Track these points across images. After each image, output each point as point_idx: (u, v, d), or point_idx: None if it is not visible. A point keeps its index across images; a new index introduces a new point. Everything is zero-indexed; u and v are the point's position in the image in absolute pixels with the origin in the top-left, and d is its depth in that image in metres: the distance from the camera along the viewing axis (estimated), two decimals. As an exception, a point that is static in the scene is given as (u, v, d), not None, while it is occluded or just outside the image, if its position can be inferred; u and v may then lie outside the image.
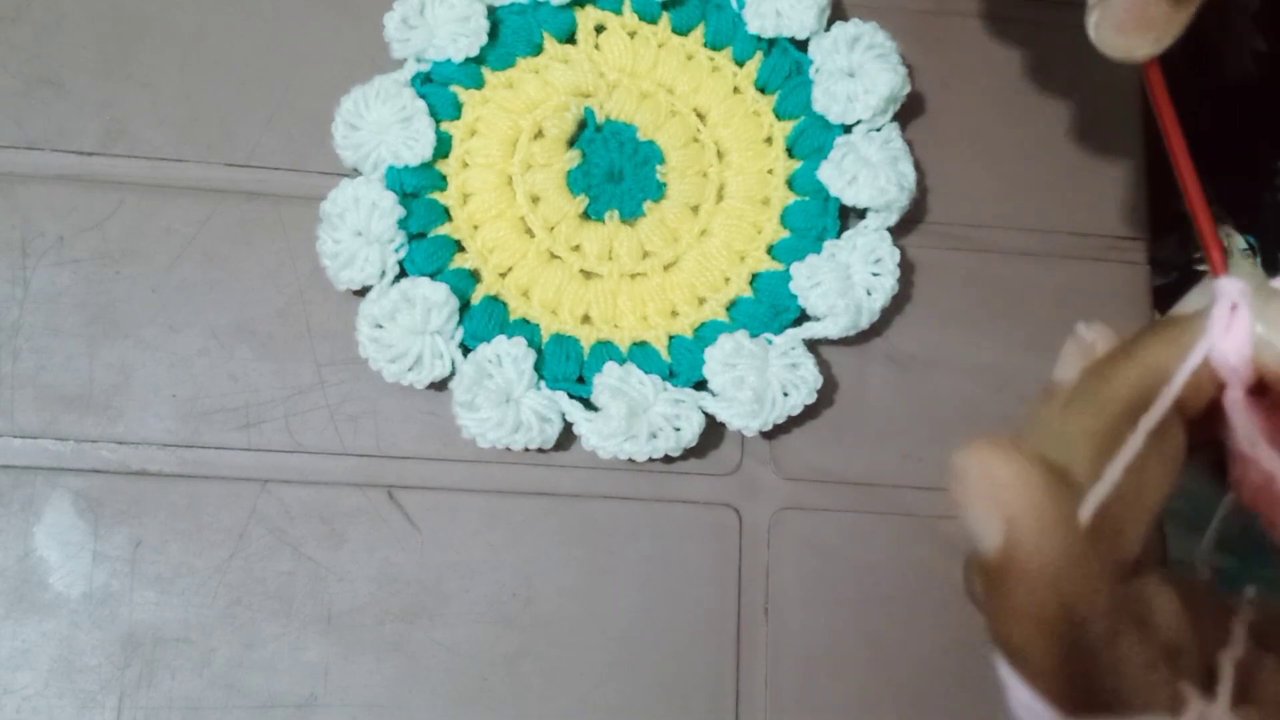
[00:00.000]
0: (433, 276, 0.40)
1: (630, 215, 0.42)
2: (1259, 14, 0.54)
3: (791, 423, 0.41)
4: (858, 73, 0.43)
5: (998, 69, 0.46)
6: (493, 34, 0.43)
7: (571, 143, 0.43)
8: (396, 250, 0.40)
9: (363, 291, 0.40)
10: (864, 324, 0.41)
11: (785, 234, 0.43)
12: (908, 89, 0.43)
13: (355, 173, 0.42)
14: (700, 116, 0.44)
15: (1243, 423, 0.21)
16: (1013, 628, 0.18)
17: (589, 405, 0.40)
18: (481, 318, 0.40)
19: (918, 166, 0.43)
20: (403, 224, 0.40)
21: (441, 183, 0.42)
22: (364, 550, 0.39)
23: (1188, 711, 0.18)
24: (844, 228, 0.43)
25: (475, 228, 0.42)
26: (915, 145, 0.44)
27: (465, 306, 0.40)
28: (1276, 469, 0.21)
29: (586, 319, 0.41)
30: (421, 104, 0.41)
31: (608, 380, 0.39)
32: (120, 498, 0.39)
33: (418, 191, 0.41)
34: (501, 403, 0.39)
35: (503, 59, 0.43)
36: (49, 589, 0.38)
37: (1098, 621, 0.18)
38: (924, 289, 0.43)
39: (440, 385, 0.40)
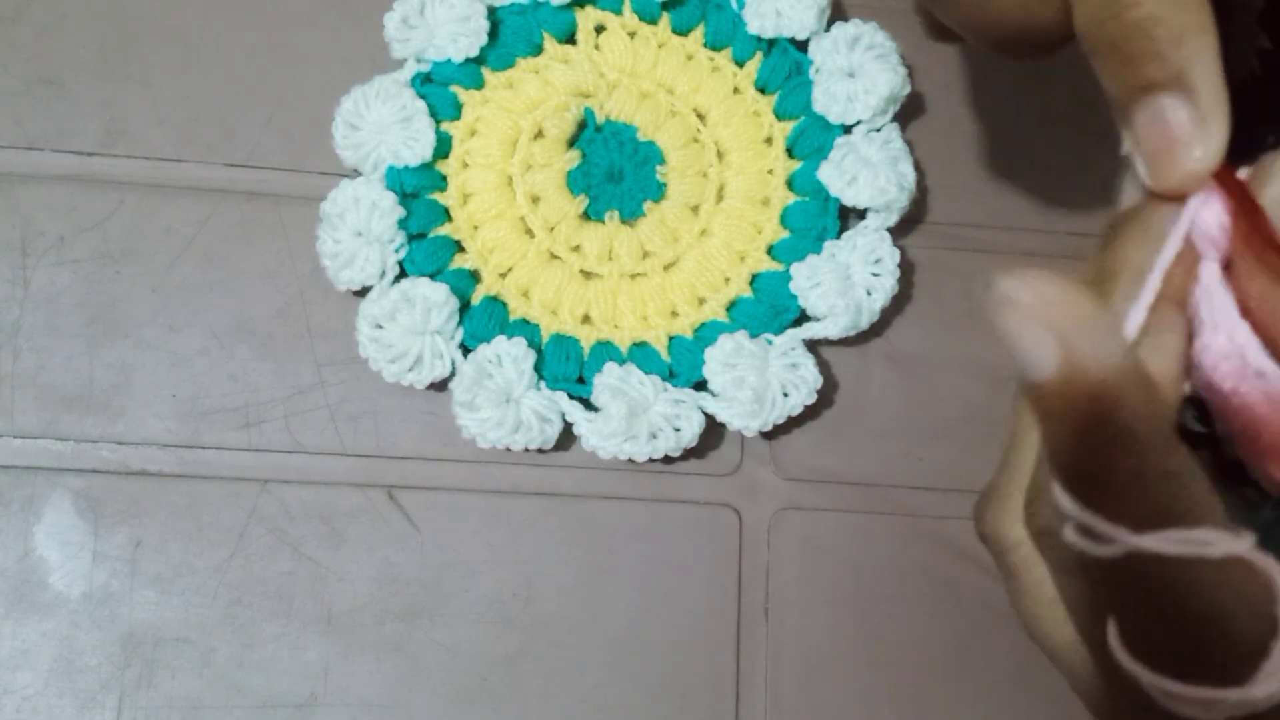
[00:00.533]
0: (433, 276, 0.40)
1: (630, 215, 0.42)
2: (1264, 13, 0.54)
3: (791, 423, 0.41)
4: (858, 73, 0.43)
5: (998, 69, 0.46)
6: (493, 34, 0.43)
7: (571, 143, 0.43)
8: (396, 250, 0.40)
9: (363, 291, 0.40)
10: (864, 324, 0.41)
11: (785, 234, 0.43)
12: (908, 89, 0.43)
13: (355, 173, 0.42)
14: (700, 117, 0.44)
15: (1220, 295, 0.21)
16: (1076, 446, 0.18)
17: (589, 405, 0.40)
18: (481, 318, 0.40)
19: (918, 166, 0.43)
20: (403, 224, 0.40)
21: (441, 183, 0.42)
22: (364, 550, 0.39)
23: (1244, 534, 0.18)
24: (844, 228, 0.43)
25: (475, 228, 0.42)
26: (915, 145, 0.44)
27: (465, 306, 0.41)
28: (1247, 343, 0.21)
29: (586, 319, 0.41)
30: (421, 104, 0.41)
31: (608, 380, 0.39)
32: (120, 498, 0.39)
33: (418, 191, 0.41)
34: (501, 403, 0.39)
35: (503, 59, 0.43)
36: (49, 589, 0.38)
37: (1159, 438, 0.18)
38: (924, 289, 0.44)
39: (440, 385, 0.40)
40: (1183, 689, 0.18)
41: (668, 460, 0.40)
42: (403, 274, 0.41)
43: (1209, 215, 0.21)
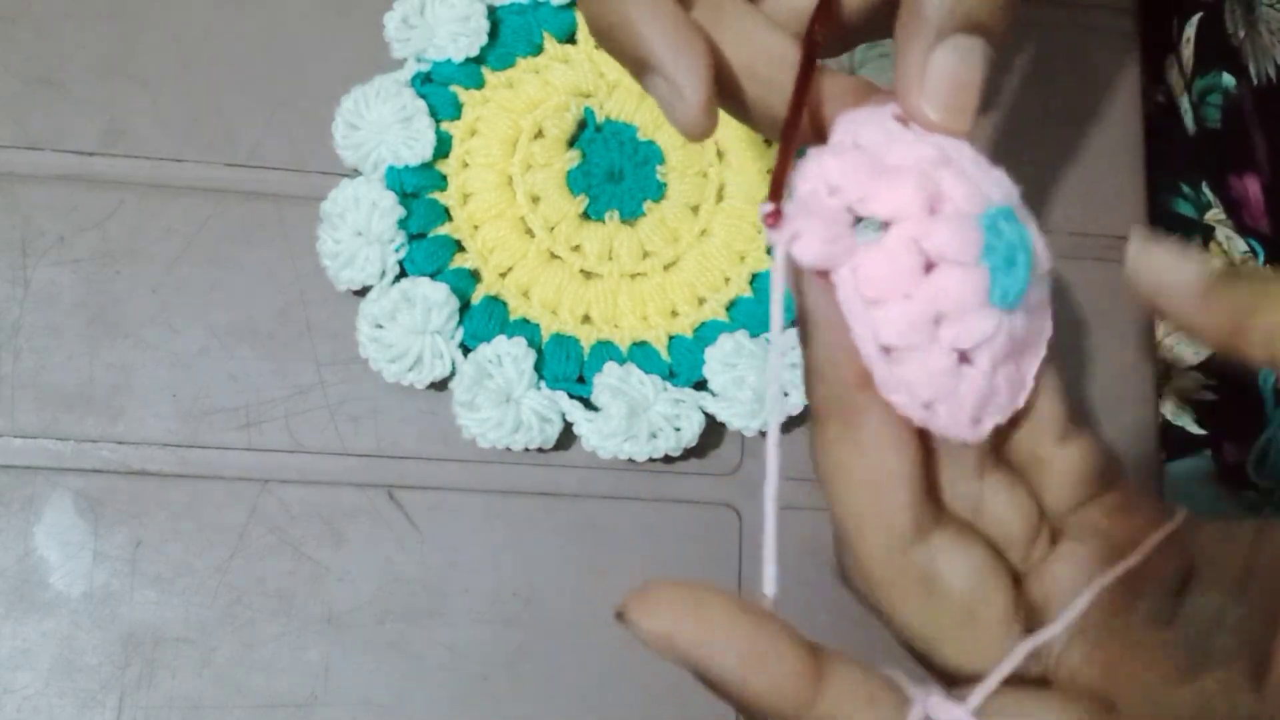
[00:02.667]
0: (433, 276, 0.40)
1: (630, 215, 0.42)
2: None
3: (791, 423, 0.41)
4: (858, 72, 0.43)
5: (998, 69, 0.46)
6: (493, 34, 0.43)
7: (571, 143, 0.43)
8: (396, 250, 0.40)
9: (363, 291, 0.40)
10: (864, 324, 0.41)
11: (785, 234, 0.43)
12: (908, 89, 0.43)
13: (355, 173, 0.42)
14: (700, 116, 0.44)
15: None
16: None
17: (589, 405, 0.40)
18: (481, 318, 0.40)
19: (918, 166, 0.43)
20: (403, 224, 0.40)
21: (441, 183, 0.42)
22: (364, 550, 0.39)
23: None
24: (844, 228, 0.43)
25: (475, 228, 0.42)
26: (915, 145, 0.44)
27: (465, 306, 0.41)
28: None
29: (586, 319, 0.41)
30: (421, 104, 0.41)
31: (608, 380, 0.39)
32: (120, 497, 0.39)
33: (418, 191, 0.41)
34: (501, 403, 0.39)
35: (503, 59, 0.43)
36: (49, 588, 0.38)
37: (800, 698, 0.21)
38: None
39: (440, 385, 0.40)
40: None
41: (668, 460, 0.40)
42: (403, 274, 0.41)
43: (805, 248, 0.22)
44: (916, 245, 0.21)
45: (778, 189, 0.22)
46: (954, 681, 0.22)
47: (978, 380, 0.22)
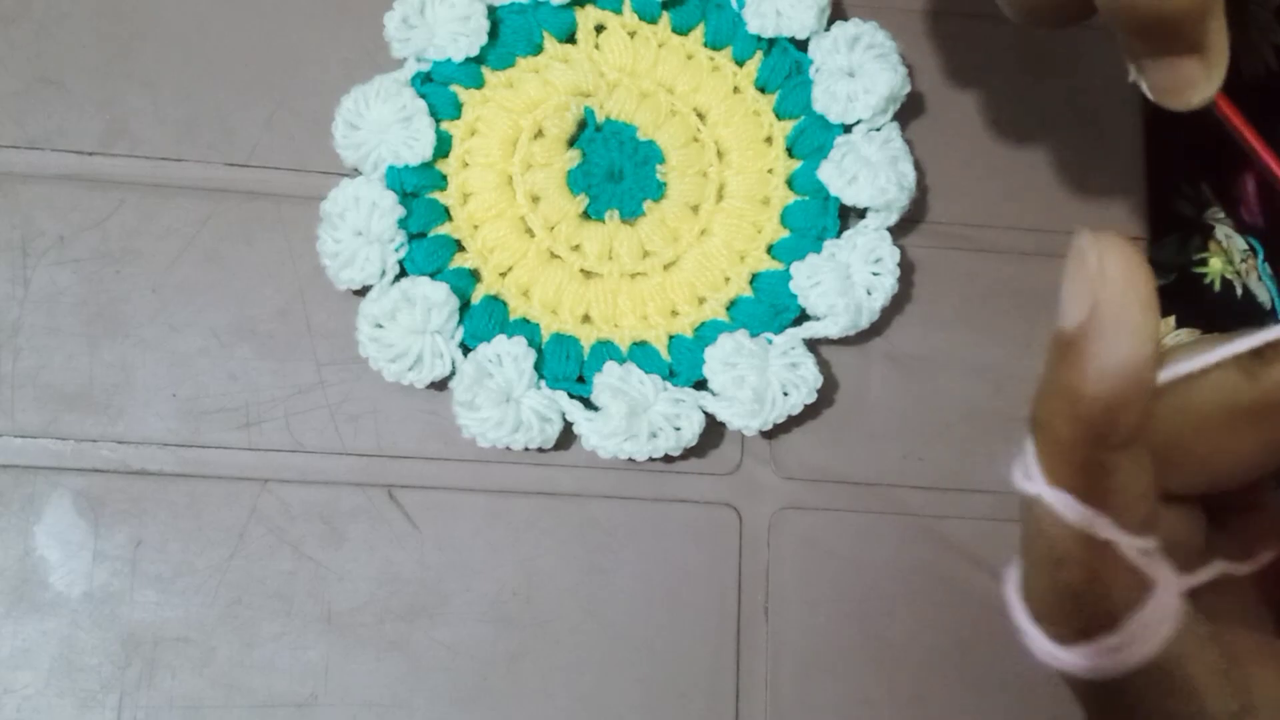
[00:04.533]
0: (433, 276, 0.40)
1: (630, 215, 0.42)
2: None
3: (791, 422, 0.41)
4: (858, 72, 0.43)
5: (998, 69, 0.46)
6: (493, 34, 0.43)
7: (571, 142, 0.43)
8: (396, 250, 0.40)
9: (363, 291, 0.40)
10: (864, 324, 0.41)
11: (785, 234, 0.43)
12: (908, 89, 0.43)
13: (355, 172, 0.42)
14: (700, 116, 0.44)
15: None
16: (1047, 403, 0.19)
17: (589, 405, 0.40)
18: (481, 317, 0.40)
19: (918, 166, 0.43)
20: (403, 224, 0.40)
21: (441, 182, 0.42)
22: (364, 550, 0.39)
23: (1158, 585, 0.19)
24: (844, 227, 0.43)
25: (475, 227, 0.42)
26: (915, 145, 0.44)
27: (465, 306, 0.41)
28: None
29: (586, 319, 0.41)
30: (421, 104, 0.41)
31: (608, 380, 0.39)
32: (120, 497, 0.39)
33: (418, 191, 0.41)
34: (501, 402, 0.39)
35: (503, 59, 0.43)
36: (49, 588, 0.38)
37: (1125, 439, 0.19)
38: (924, 289, 0.44)
39: (440, 385, 0.40)
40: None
41: (668, 460, 0.40)
42: (403, 273, 0.41)
43: None
44: None
45: None
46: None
47: None
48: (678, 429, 0.39)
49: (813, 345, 0.42)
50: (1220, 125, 0.30)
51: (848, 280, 0.41)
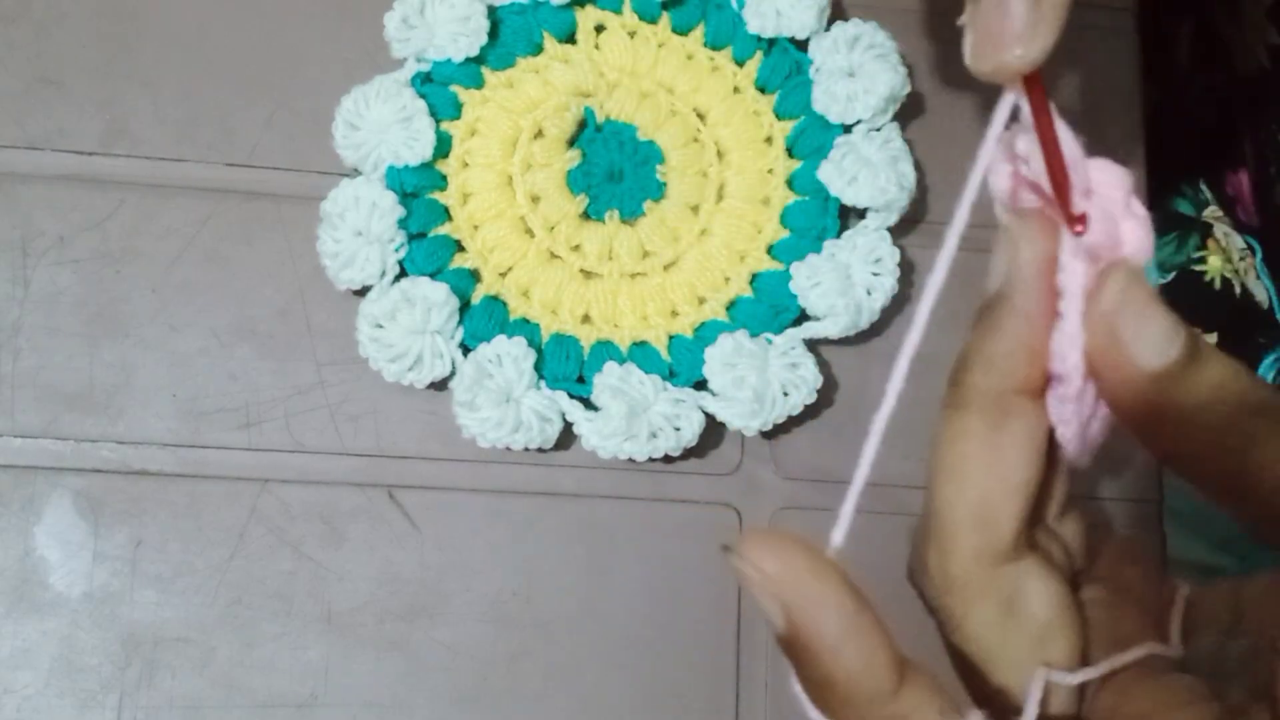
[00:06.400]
0: (433, 276, 0.40)
1: (630, 215, 0.42)
2: (1274, 7, 0.54)
3: (791, 423, 0.41)
4: (858, 73, 0.43)
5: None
6: (493, 34, 0.43)
7: (571, 143, 0.43)
8: (396, 250, 0.40)
9: (363, 291, 0.40)
10: (864, 324, 0.41)
11: (785, 234, 0.43)
12: (908, 89, 0.43)
13: (355, 173, 0.42)
14: (700, 116, 0.44)
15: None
16: (810, 691, 0.20)
17: (589, 405, 0.40)
18: (481, 318, 0.40)
19: (918, 166, 0.43)
20: (403, 224, 0.40)
21: (441, 182, 0.42)
22: (364, 550, 0.39)
23: None
24: (844, 228, 0.43)
25: (475, 227, 0.42)
26: (915, 145, 0.44)
27: (465, 306, 0.41)
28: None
29: (586, 319, 0.41)
30: (421, 104, 0.41)
31: (608, 380, 0.39)
32: (120, 497, 0.39)
33: (418, 191, 0.41)
34: (501, 402, 0.39)
35: (503, 59, 0.43)
36: (49, 588, 0.38)
37: (881, 687, 0.20)
38: (924, 289, 0.43)
39: (440, 385, 0.40)
40: None
41: (668, 460, 0.40)
42: (403, 273, 0.41)
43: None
44: None
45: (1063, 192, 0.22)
46: (990, 706, 0.21)
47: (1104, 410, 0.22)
48: (678, 429, 0.39)
49: (813, 345, 0.42)
50: (1221, 125, 0.29)
51: (848, 280, 0.41)
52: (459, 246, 0.41)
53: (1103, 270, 0.22)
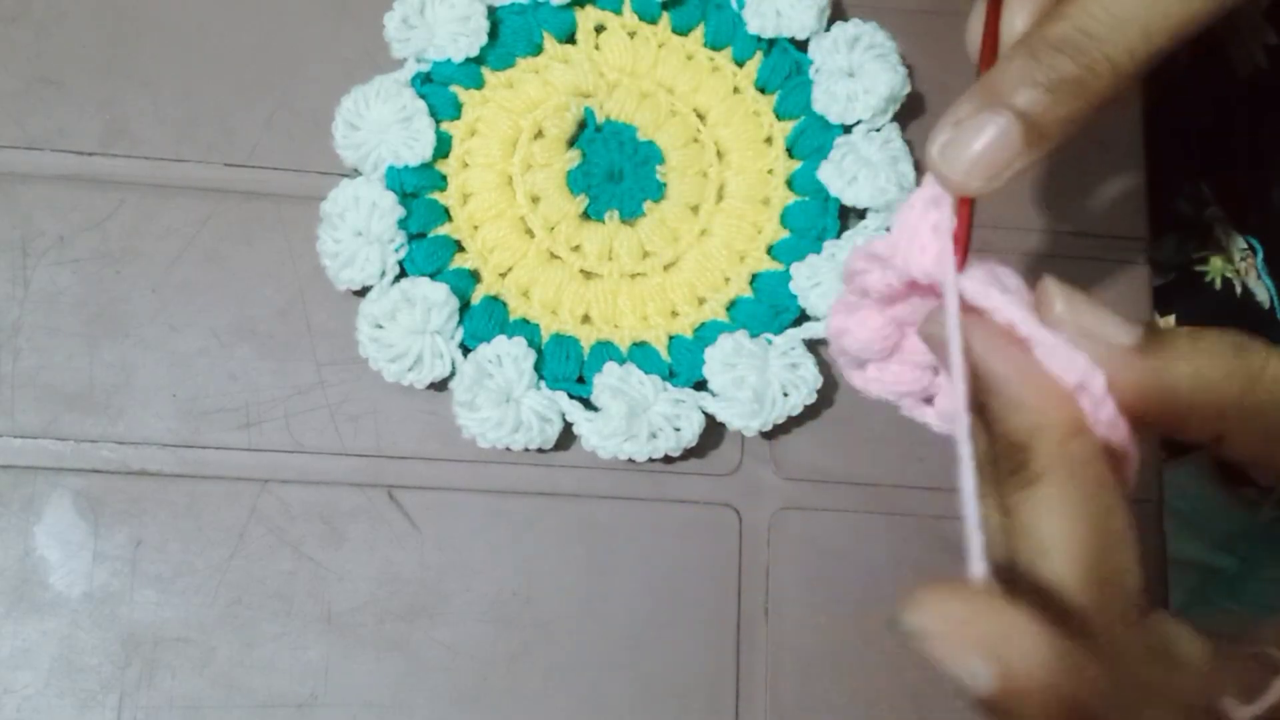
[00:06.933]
0: (433, 276, 0.40)
1: (630, 215, 0.42)
2: (1272, 8, 0.54)
3: (791, 423, 0.41)
4: (858, 73, 0.43)
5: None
6: (493, 34, 0.43)
7: (571, 143, 0.43)
8: (396, 250, 0.40)
9: (363, 291, 0.40)
10: (864, 324, 0.41)
11: (785, 234, 0.43)
12: (908, 89, 0.43)
13: (355, 173, 0.42)
14: (700, 116, 0.44)
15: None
16: None
17: (589, 405, 0.40)
18: (481, 318, 0.40)
19: (918, 166, 0.43)
20: (403, 224, 0.40)
21: (441, 183, 0.42)
22: (364, 550, 0.39)
23: None
24: (844, 228, 0.43)
25: (475, 228, 0.42)
26: (915, 145, 0.44)
27: (465, 306, 0.41)
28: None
29: (586, 319, 0.41)
30: (421, 104, 0.41)
31: (608, 380, 0.39)
32: (120, 497, 0.39)
33: (418, 191, 0.41)
34: (501, 403, 0.39)
35: (503, 59, 0.43)
36: (49, 588, 0.38)
37: (1114, 706, 0.18)
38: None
39: (440, 385, 0.40)
40: None
41: (668, 460, 0.40)
42: (403, 274, 0.41)
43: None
44: None
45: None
46: None
47: None
48: (677, 429, 0.39)
49: (813, 345, 0.42)
50: (1219, 125, 0.29)
51: (848, 280, 0.41)
52: (459, 247, 0.41)
53: (1039, 288, 0.23)
